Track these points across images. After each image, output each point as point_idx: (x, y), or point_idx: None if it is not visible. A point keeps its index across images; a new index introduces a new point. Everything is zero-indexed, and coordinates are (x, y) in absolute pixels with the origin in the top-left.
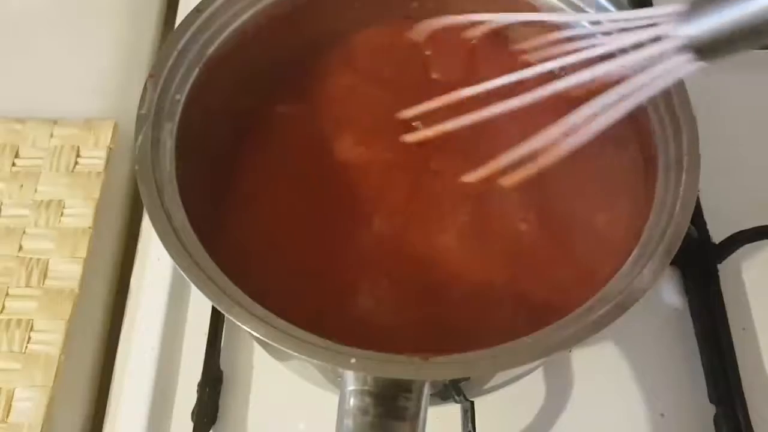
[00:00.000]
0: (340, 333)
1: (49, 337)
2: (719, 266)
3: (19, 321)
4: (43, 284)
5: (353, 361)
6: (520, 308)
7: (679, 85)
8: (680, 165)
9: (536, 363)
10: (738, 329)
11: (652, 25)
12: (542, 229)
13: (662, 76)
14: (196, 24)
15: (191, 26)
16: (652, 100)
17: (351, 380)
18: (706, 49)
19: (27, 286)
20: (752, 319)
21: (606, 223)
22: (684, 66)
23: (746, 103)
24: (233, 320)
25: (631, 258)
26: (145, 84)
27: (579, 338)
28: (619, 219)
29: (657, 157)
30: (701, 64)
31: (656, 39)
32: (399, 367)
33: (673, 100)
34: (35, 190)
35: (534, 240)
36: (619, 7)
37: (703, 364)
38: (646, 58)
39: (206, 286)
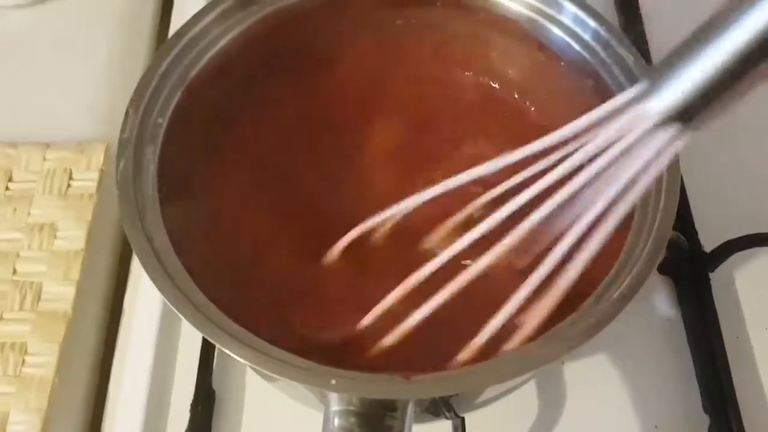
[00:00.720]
0: (323, 355)
1: (42, 360)
2: (711, 275)
3: (13, 344)
4: (36, 307)
5: (334, 382)
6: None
7: None
8: (659, 185)
9: (521, 378)
10: (731, 338)
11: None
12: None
13: (655, 160)
14: (176, 48)
15: (172, 50)
16: None
17: (335, 401)
18: (687, 115)
19: (21, 309)
20: (745, 327)
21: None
22: (673, 142)
23: (734, 114)
24: (212, 341)
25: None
26: (127, 108)
27: (559, 353)
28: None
29: None
30: (690, 132)
31: (633, 126)
32: (380, 386)
33: None
34: (29, 213)
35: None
36: (599, 19)
37: (696, 374)
38: (628, 147)
39: (185, 308)
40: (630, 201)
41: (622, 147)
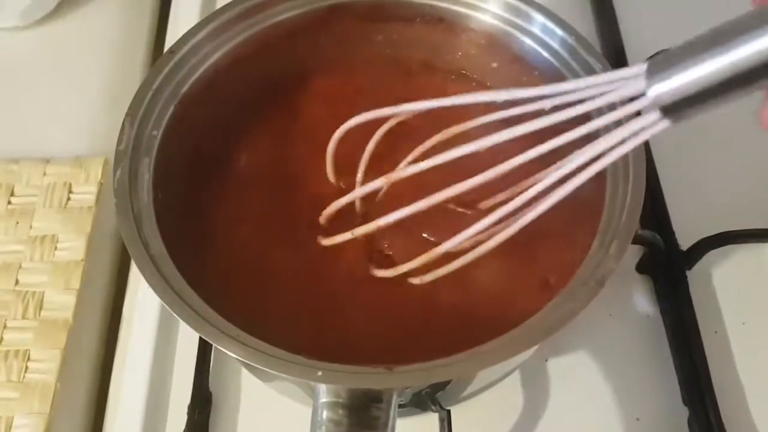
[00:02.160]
0: (311, 350)
1: (45, 366)
2: (688, 273)
3: (16, 352)
4: (38, 316)
5: (320, 373)
6: (482, 318)
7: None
8: (627, 173)
9: (502, 368)
10: (709, 332)
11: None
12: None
13: (630, 138)
14: (169, 65)
15: (165, 67)
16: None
17: (323, 393)
18: (673, 109)
19: (23, 318)
20: (723, 321)
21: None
22: (651, 126)
23: (706, 116)
24: (206, 338)
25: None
26: (123, 122)
27: (537, 339)
28: (575, 224)
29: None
30: (667, 123)
31: (625, 100)
32: (364, 378)
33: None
34: (30, 226)
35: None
36: (566, 28)
37: (675, 368)
38: (614, 120)
39: (179, 307)
40: (592, 171)
41: (605, 121)
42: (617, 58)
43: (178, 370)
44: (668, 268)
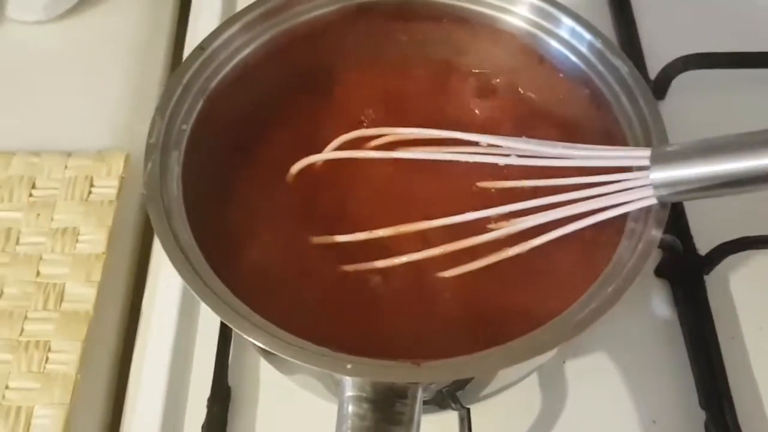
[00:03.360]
0: (337, 343)
1: (65, 357)
2: (706, 277)
3: (37, 343)
4: (59, 307)
5: (349, 366)
6: (509, 318)
7: (647, 97)
8: None
9: (525, 366)
10: (727, 338)
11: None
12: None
13: (624, 204)
14: (199, 60)
15: (195, 62)
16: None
17: (349, 387)
18: (669, 193)
19: (44, 309)
20: (740, 327)
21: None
22: (645, 200)
23: (724, 120)
24: (235, 329)
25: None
26: (154, 115)
27: (561, 338)
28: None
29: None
30: (661, 201)
31: (625, 170)
32: (393, 371)
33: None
34: (51, 219)
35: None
36: (594, 32)
37: (693, 372)
38: (614, 187)
39: (209, 298)
40: (590, 221)
41: (613, 188)
42: (636, 64)
43: (198, 363)
44: (686, 273)
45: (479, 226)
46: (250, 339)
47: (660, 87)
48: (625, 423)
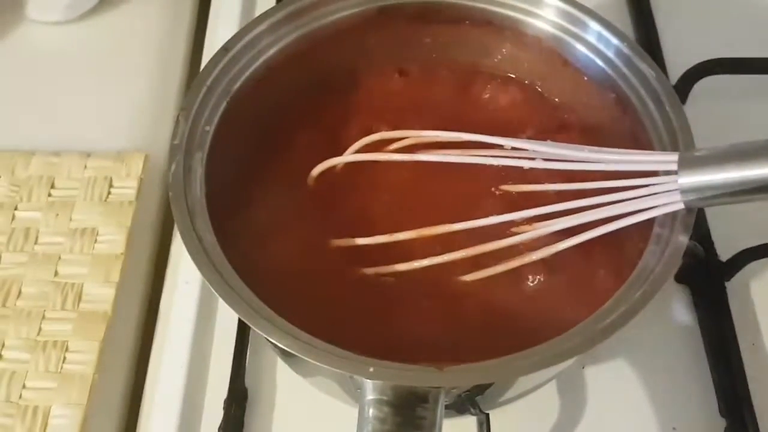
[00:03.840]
0: (358, 346)
1: (83, 358)
2: (727, 284)
3: (55, 342)
4: (77, 307)
5: (371, 369)
6: (532, 323)
7: (673, 102)
8: None
9: (548, 371)
10: (747, 344)
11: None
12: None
13: (651, 209)
14: (223, 62)
15: (219, 64)
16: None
17: (370, 390)
18: (697, 198)
19: (62, 309)
20: (761, 333)
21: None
22: (672, 204)
23: (745, 124)
24: (258, 332)
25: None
26: (178, 117)
27: (586, 346)
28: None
29: None
30: (688, 207)
31: (652, 174)
32: (416, 375)
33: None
34: (70, 219)
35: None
36: (621, 37)
37: (713, 379)
38: (641, 191)
39: (233, 300)
40: (616, 226)
41: (640, 193)
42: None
43: (215, 365)
44: (707, 279)
45: (502, 230)
46: (274, 341)
47: (681, 91)
48: (644, 430)
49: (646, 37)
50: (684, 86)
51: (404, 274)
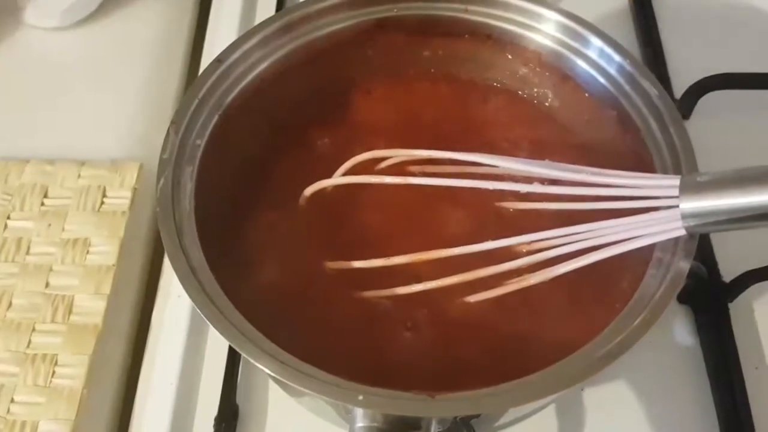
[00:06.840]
0: (348, 371)
1: (72, 372)
2: (730, 305)
3: (44, 356)
4: (67, 320)
5: (361, 398)
6: (530, 348)
7: (676, 122)
8: None
9: (544, 400)
10: (750, 368)
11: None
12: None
13: (652, 234)
14: (216, 74)
15: (212, 76)
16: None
17: (360, 417)
18: (698, 224)
19: (52, 321)
20: (764, 356)
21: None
22: (673, 231)
23: (749, 141)
24: (245, 356)
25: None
26: (168, 130)
27: (585, 375)
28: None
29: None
30: (690, 232)
31: (653, 198)
32: (406, 404)
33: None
34: (63, 229)
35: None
36: (624, 53)
37: (714, 402)
38: (642, 217)
39: (220, 322)
40: (616, 251)
41: (641, 219)
42: (660, 83)
43: (206, 382)
44: (710, 300)
45: (500, 254)
46: (261, 366)
47: (685, 106)
48: None
49: (651, 51)
50: (688, 101)
51: (398, 297)
